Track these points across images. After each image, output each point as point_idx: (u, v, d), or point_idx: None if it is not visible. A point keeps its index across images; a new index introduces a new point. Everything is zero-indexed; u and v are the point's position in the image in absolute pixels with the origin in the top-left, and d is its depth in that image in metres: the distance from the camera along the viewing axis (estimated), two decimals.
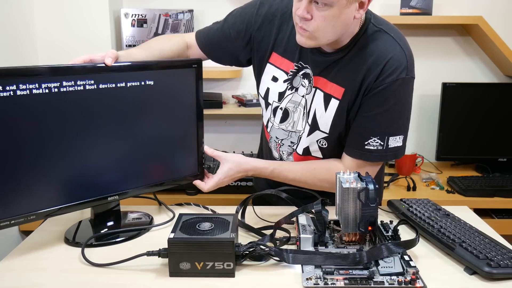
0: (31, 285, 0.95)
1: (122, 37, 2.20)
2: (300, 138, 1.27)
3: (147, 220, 1.23)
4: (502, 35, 2.16)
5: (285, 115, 1.28)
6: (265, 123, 1.36)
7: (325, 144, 1.24)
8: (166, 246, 0.97)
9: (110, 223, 1.19)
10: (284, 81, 1.27)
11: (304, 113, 1.25)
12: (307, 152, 1.27)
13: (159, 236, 1.15)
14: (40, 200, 1.04)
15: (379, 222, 1.13)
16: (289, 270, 0.99)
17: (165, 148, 1.22)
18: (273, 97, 1.30)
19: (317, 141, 1.24)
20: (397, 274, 0.94)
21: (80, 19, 2.12)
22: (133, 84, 1.12)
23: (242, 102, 2.21)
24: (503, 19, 2.30)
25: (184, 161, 1.27)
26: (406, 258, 0.98)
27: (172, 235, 0.98)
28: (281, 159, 1.32)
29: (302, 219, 1.12)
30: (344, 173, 1.07)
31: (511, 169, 2.21)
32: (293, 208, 1.16)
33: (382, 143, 1.16)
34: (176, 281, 0.96)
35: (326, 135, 1.22)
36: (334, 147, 1.24)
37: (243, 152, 2.25)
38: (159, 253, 0.99)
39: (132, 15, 2.19)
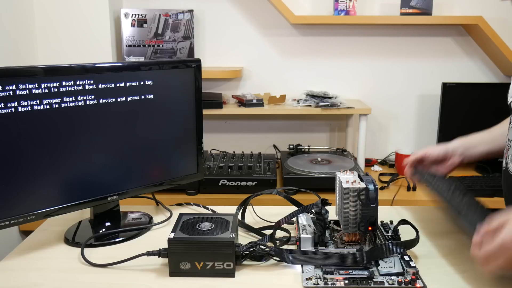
0: (30, 285, 0.95)
1: (122, 37, 2.20)
2: None
3: (147, 220, 1.23)
4: (502, 35, 2.16)
5: None
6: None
7: None
8: (166, 246, 0.97)
9: (109, 223, 1.19)
10: None
11: None
12: None
13: (159, 236, 1.15)
14: (40, 200, 1.04)
15: (379, 222, 1.13)
16: (289, 270, 0.99)
17: (164, 148, 1.22)
18: None
19: None
20: (397, 274, 0.93)
21: (80, 19, 2.12)
22: (132, 84, 1.12)
23: (242, 102, 2.21)
24: (503, 19, 2.30)
25: (183, 161, 1.27)
26: (406, 258, 0.98)
27: (172, 235, 0.98)
28: None
29: (302, 219, 1.12)
30: (344, 173, 1.07)
31: None
32: (293, 208, 1.16)
33: None
34: (176, 281, 0.96)
35: None
36: None
37: (243, 152, 2.25)
38: (159, 253, 0.98)
39: (132, 15, 2.19)
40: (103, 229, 1.17)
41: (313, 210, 1.07)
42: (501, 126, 1.28)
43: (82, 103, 1.06)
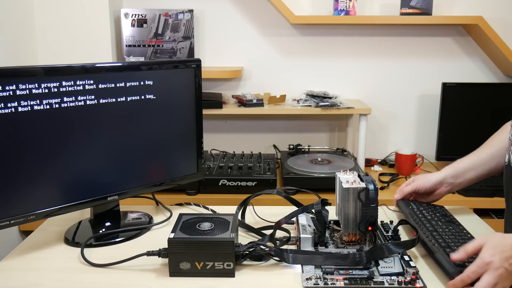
0: (30, 285, 0.95)
1: (122, 37, 2.20)
2: None
3: (147, 220, 1.23)
4: (502, 35, 2.16)
5: None
6: None
7: None
8: (166, 246, 0.97)
9: (109, 223, 1.19)
10: None
11: None
12: None
13: (159, 236, 1.15)
14: (40, 200, 1.04)
15: (379, 222, 1.13)
16: (289, 270, 0.99)
17: (164, 148, 1.22)
18: None
19: None
20: (397, 274, 0.94)
21: (80, 19, 2.12)
22: (132, 84, 1.12)
23: (242, 102, 2.21)
24: (503, 19, 2.30)
25: (183, 161, 1.27)
26: (406, 258, 0.98)
27: (172, 235, 0.98)
28: None
29: (302, 219, 1.12)
30: (344, 173, 1.07)
31: None
32: (293, 208, 1.16)
33: None
34: (176, 281, 0.96)
35: None
36: None
37: (243, 152, 2.25)
38: (159, 253, 0.99)
39: (132, 15, 2.19)
40: (103, 229, 1.17)
41: (313, 210, 1.07)
42: (490, 145, 1.28)
43: (82, 103, 1.06)
